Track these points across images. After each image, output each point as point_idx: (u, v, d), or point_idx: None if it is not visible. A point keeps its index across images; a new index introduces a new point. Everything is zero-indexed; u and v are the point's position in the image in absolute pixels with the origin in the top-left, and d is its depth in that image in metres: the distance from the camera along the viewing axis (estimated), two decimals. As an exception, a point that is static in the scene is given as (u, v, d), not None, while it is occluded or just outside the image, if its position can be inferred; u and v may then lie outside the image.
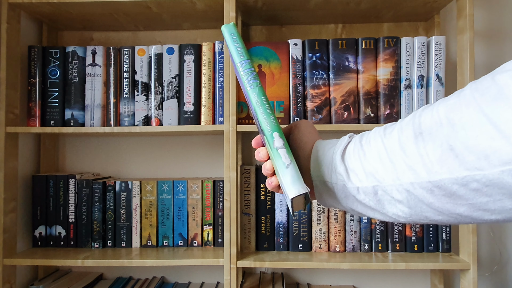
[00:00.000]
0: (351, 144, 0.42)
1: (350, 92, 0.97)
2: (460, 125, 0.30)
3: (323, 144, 0.46)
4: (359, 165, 0.39)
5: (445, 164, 0.31)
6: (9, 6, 0.97)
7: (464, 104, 0.30)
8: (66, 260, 0.94)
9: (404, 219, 0.38)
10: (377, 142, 0.38)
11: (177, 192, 1.05)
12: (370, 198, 0.39)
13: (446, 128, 0.31)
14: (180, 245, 1.05)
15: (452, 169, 0.30)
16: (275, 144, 0.43)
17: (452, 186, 0.31)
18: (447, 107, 0.32)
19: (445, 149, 0.31)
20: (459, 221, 0.34)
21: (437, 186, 0.32)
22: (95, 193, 1.04)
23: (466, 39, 0.93)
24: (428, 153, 0.32)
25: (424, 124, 0.33)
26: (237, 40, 0.47)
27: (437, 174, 0.32)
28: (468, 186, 0.30)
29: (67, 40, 1.21)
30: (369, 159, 0.38)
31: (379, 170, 0.37)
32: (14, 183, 1.00)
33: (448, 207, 0.33)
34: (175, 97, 1.00)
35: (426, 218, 0.36)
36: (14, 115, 1.00)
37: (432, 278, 1.13)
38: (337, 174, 0.41)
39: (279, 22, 1.16)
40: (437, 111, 0.32)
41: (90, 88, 1.02)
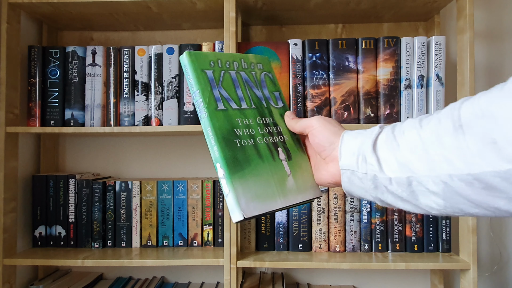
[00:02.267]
0: (383, 135, 0.42)
1: (350, 92, 0.97)
2: (502, 118, 0.30)
3: (351, 134, 0.45)
4: (392, 156, 0.39)
5: (487, 157, 0.31)
6: (9, 6, 0.97)
7: (507, 96, 0.30)
8: (66, 260, 0.94)
9: (437, 211, 0.37)
10: (412, 133, 0.38)
11: (177, 192, 1.05)
12: (403, 189, 0.38)
13: (488, 121, 0.31)
14: (180, 245, 1.05)
15: (494, 162, 0.30)
16: (218, 175, 0.44)
17: (494, 179, 0.31)
18: (489, 99, 0.31)
19: (487, 142, 0.31)
20: (496, 215, 0.34)
21: (477, 179, 0.32)
22: (95, 193, 1.04)
23: (466, 39, 0.93)
24: (468, 145, 0.32)
25: (464, 117, 0.33)
26: (188, 71, 0.48)
27: (477, 166, 0.31)
28: (510, 180, 0.30)
29: (67, 40, 1.21)
30: (404, 150, 0.38)
31: (415, 161, 0.37)
32: (14, 183, 1.00)
33: (487, 200, 0.32)
34: (175, 97, 1.00)
35: (461, 211, 0.35)
36: (14, 115, 1.00)
37: (432, 278, 1.13)
38: (367, 164, 0.41)
39: (279, 22, 1.16)
40: (478, 104, 0.32)
41: (90, 88, 1.02)
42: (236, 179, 0.44)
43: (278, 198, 0.46)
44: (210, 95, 0.47)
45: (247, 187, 0.44)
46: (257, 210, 0.43)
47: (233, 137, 0.46)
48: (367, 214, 1.00)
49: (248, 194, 0.43)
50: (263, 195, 0.45)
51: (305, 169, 0.50)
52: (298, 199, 0.48)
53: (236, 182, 0.43)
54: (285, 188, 0.47)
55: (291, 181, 0.48)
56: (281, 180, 0.47)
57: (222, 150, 0.45)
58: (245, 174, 0.45)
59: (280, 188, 0.47)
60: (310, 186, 0.50)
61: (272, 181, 0.46)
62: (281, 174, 0.48)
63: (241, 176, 0.44)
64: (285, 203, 0.46)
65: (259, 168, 0.46)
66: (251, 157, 0.46)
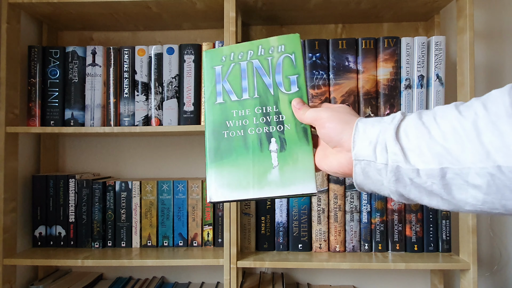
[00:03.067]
0: (408, 122, 0.38)
1: (350, 92, 0.97)
2: None
3: (367, 122, 0.42)
4: (423, 145, 0.35)
5: None
6: (9, 6, 0.97)
7: None
8: (66, 260, 0.94)
9: (472, 207, 0.34)
10: (451, 120, 0.34)
11: (177, 192, 1.05)
12: (434, 181, 0.35)
13: None
14: (180, 245, 1.05)
15: None
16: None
17: None
18: None
19: None
20: None
21: None
22: (95, 193, 1.04)
23: (466, 39, 0.93)
24: None
25: None
26: (203, 70, 0.53)
27: None
28: None
29: (67, 40, 1.21)
30: (438, 138, 0.35)
31: (454, 151, 0.33)
32: (14, 183, 1.00)
33: None
34: (175, 97, 1.00)
35: (503, 207, 0.32)
36: (14, 115, 1.00)
37: (432, 278, 1.13)
38: (388, 154, 0.37)
39: (279, 22, 1.16)
40: None
41: (90, 88, 1.02)
42: (213, 168, 0.49)
43: (251, 188, 0.48)
44: (213, 90, 0.52)
45: (220, 175, 0.49)
46: (224, 196, 0.48)
47: (222, 129, 0.51)
48: (367, 214, 1.00)
49: (219, 181, 0.49)
50: (234, 184, 0.48)
51: (301, 161, 0.49)
52: (277, 193, 0.48)
53: (212, 170, 0.49)
54: (264, 180, 0.48)
55: (275, 173, 0.48)
56: (262, 172, 0.49)
57: (209, 141, 0.50)
58: (223, 163, 0.49)
59: (257, 179, 0.48)
60: (300, 181, 0.48)
61: (251, 172, 0.49)
62: (265, 165, 0.49)
63: (218, 165, 0.49)
64: (258, 194, 0.48)
65: (240, 158, 0.49)
66: (235, 147, 0.50)
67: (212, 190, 0.49)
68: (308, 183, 0.48)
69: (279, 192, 0.48)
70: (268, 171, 0.48)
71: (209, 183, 0.49)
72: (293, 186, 0.48)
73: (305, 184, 0.48)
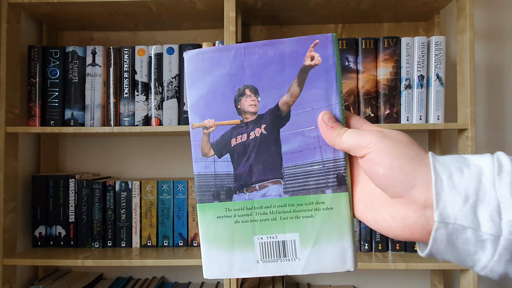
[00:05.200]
0: None
1: (350, 92, 0.97)
2: None
3: (445, 163, 0.29)
4: None
5: None
6: (9, 6, 0.97)
7: None
8: (66, 260, 0.94)
9: None
10: None
11: (177, 192, 1.05)
12: None
13: None
14: (180, 245, 1.05)
15: None
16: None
17: None
18: None
19: None
20: None
21: None
22: (95, 193, 1.04)
23: (466, 39, 0.93)
24: None
25: None
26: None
27: None
28: None
29: (67, 40, 1.21)
30: None
31: None
32: (14, 183, 1.00)
33: None
34: (175, 97, 1.00)
35: None
36: (14, 115, 1.00)
37: (432, 278, 1.13)
38: (503, 222, 0.26)
39: (279, 22, 1.16)
40: None
41: (90, 88, 1.02)
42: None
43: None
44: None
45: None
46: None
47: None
48: (367, 214, 1.00)
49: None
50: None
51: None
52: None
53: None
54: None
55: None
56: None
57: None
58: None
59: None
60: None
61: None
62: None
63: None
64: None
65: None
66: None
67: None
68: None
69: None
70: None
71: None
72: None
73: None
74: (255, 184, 0.35)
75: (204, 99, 0.35)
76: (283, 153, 0.35)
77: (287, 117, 0.35)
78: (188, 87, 0.36)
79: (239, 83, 0.35)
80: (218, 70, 0.35)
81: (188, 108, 0.36)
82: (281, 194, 0.34)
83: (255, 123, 0.35)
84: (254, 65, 0.35)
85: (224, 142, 0.35)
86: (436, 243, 0.28)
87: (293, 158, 0.34)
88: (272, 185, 0.35)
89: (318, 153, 0.34)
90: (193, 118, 0.35)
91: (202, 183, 0.35)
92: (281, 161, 0.35)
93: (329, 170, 0.34)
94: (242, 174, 0.35)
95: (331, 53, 0.34)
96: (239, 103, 0.35)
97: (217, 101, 0.35)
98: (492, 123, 1.16)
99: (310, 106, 0.34)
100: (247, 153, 0.35)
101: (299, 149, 0.34)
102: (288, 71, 0.35)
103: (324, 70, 0.34)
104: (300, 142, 0.35)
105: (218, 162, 0.35)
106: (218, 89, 0.35)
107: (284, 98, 0.35)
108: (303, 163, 0.34)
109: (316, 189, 0.34)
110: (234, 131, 0.35)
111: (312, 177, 0.34)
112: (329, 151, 0.34)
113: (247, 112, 0.35)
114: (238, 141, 0.35)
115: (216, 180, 0.35)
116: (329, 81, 0.34)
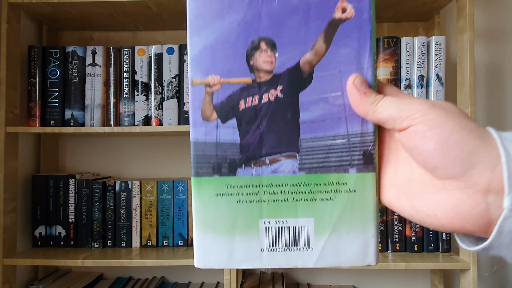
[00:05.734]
0: None
1: (350, 92, 0.97)
2: None
3: (510, 138, 0.24)
4: None
5: None
6: (9, 6, 0.97)
7: None
8: (66, 260, 0.94)
9: None
10: None
11: (177, 192, 1.05)
12: None
13: None
14: (180, 245, 1.05)
15: None
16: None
17: None
18: None
19: None
20: None
21: None
22: (95, 193, 1.04)
23: (466, 39, 0.93)
24: None
25: None
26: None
27: None
28: None
29: (67, 40, 1.21)
30: None
31: None
32: (14, 183, 1.00)
33: None
34: (175, 97, 1.00)
35: None
36: (14, 115, 1.00)
37: (432, 278, 1.13)
38: None
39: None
40: None
41: (90, 88, 1.02)
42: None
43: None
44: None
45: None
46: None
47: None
48: (367, 214, 1.00)
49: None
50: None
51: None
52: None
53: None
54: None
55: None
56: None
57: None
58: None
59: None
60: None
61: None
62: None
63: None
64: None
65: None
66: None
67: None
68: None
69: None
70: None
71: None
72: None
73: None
74: (265, 157, 0.30)
75: (209, 51, 0.30)
76: (301, 122, 0.29)
77: (309, 80, 0.29)
78: (190, 35, 0.30)
79: (253, 34, 0.29)
80: (229, 16, 0.29)
81: (189, 60, 0.30)
82: (296, 171, 0.29)
83: (270, 84, 0.30)
84: (273, 13, 0.29)
85: (231, 104, 0.30)
86: (501, 235, 0.23)
87: (313, 129, 0.29)
88: (285, 159, 0.29)
89: (343, 124, 0.29)
90: (194, 73, 0.30)
91: (200, 153, 0.30)
92: (298, 131, 0.29)
93: (354, 145, 0.29)
94: (250, 144, 0.30)
95: (367, 5, 0.29)
96: (252, 58, 0.30)
97: (225, 54, 0.30)
98: (492, 123, 1.16)
99: (338, 68, 0.29)
100: (257, 120, 0.30)
101: (321, 119, 0.29)
102: (313, 23, 0.29)
103: (357, 25, 0.29)
104: (323, 110, 0.29)
105: (222, 128, 0.30)
106: (228, 39, 0.30)
107: (306, 56, 0.29)
108: (325, 135, 0.29)
109: (338, 167, 0.29)
110: (243, 92, 0.30)
111: (334, 153, 0.29)
112: (356, 123, 0.29)
113: (260, 70, 0.30)
114: (247, 104, 0.30)
115: (218, 150, 0.30)
116: (363, 39, 0.29)
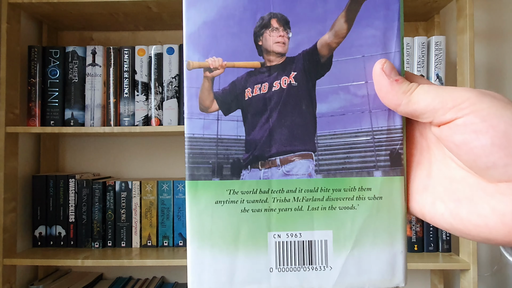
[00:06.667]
0: None
1: (350, 92, 0.97)
2: None
3: None
4: None
5: None
6: (9, 6, 0.97)
7: None
8: (66, 260, 0.94)
9: None
10: None
11: (177, 192, 1.05)
12: None
13: None
14: (180, 245, 1.05)
15: None
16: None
17: None
18: None
19: None
20: None
21: None
22: (95, 193, 1.04)
23: (466, 39, 0.93)
24: None
25: None
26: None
27: None
28: None
29: (67, 40, 1.21)
30: None
31: None
32: (14, 183, 1.00)
33: None
34: (175, 97, 1.00)
35: None
36: (14, 115, 1.00)
37: (432, 278, 1.13)
38: None
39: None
40: None
41: (90, 88, 1.02)
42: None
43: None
44: None
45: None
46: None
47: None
48: (367, 214, 1.00)
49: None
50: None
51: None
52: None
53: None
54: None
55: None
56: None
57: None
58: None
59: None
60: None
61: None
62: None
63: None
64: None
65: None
66: None
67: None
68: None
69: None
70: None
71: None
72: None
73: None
74: (276, 157, 0.25)
75: (209, 27, 0.25)
76: (318, 115, 0.25)
77: (328, 65, 0.25)
78: (186, 6, 0.26)
79: (263, 8, 0.25)
80: None
81: (184, 39, 0.25)
82: (312, 174, 0.24)
83: (282, 69, 0.25)
84: None
85: (235, 92, 0.25)
86: None
87: (332, 124, 0.24)
88: (299, 159, 0.24)
89: (366, 118, 0.24)
90: (190, 53, 0.25)
91: (196, 151, 0.25)
92: (315, 126, 0.25)
93: (380, 143, 0.24)
94: (257, 140, 0.25)
95: None
96: (260, 38, 0.25)
97: (229, 31, 0.25)
98: (492, 123, 1.16)
99: (361, 52, 0.24)
100: (267, 111, 0.25)
101: (341, 111, 0.24)
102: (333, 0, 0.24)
103: (384, 3, 0.24)
104: (343, 101, 0.24)
105: (224, 121, 0.25)
106: (232, 14, 0.25)
107: (325, 37, 0.24)
108: (345, 131, 0.25)
109: (361, 169, 0.24)
110: (250, 78, 0.25)
111: (356, 152, 0.25)
112: (382, 117, 0.24)
113: (271, 52, 0.25)
114: (255, 92, 0.25)
115: (219, 147, 0.25)
116: (390, 19, 0.24)
